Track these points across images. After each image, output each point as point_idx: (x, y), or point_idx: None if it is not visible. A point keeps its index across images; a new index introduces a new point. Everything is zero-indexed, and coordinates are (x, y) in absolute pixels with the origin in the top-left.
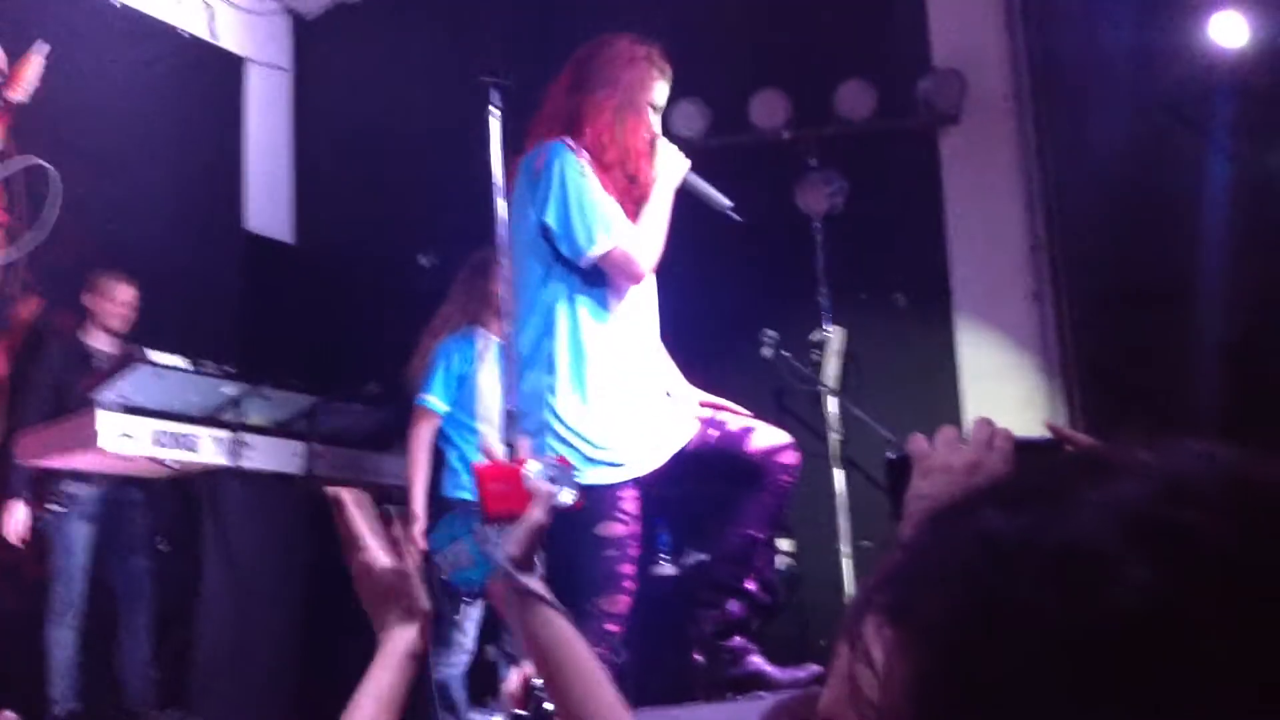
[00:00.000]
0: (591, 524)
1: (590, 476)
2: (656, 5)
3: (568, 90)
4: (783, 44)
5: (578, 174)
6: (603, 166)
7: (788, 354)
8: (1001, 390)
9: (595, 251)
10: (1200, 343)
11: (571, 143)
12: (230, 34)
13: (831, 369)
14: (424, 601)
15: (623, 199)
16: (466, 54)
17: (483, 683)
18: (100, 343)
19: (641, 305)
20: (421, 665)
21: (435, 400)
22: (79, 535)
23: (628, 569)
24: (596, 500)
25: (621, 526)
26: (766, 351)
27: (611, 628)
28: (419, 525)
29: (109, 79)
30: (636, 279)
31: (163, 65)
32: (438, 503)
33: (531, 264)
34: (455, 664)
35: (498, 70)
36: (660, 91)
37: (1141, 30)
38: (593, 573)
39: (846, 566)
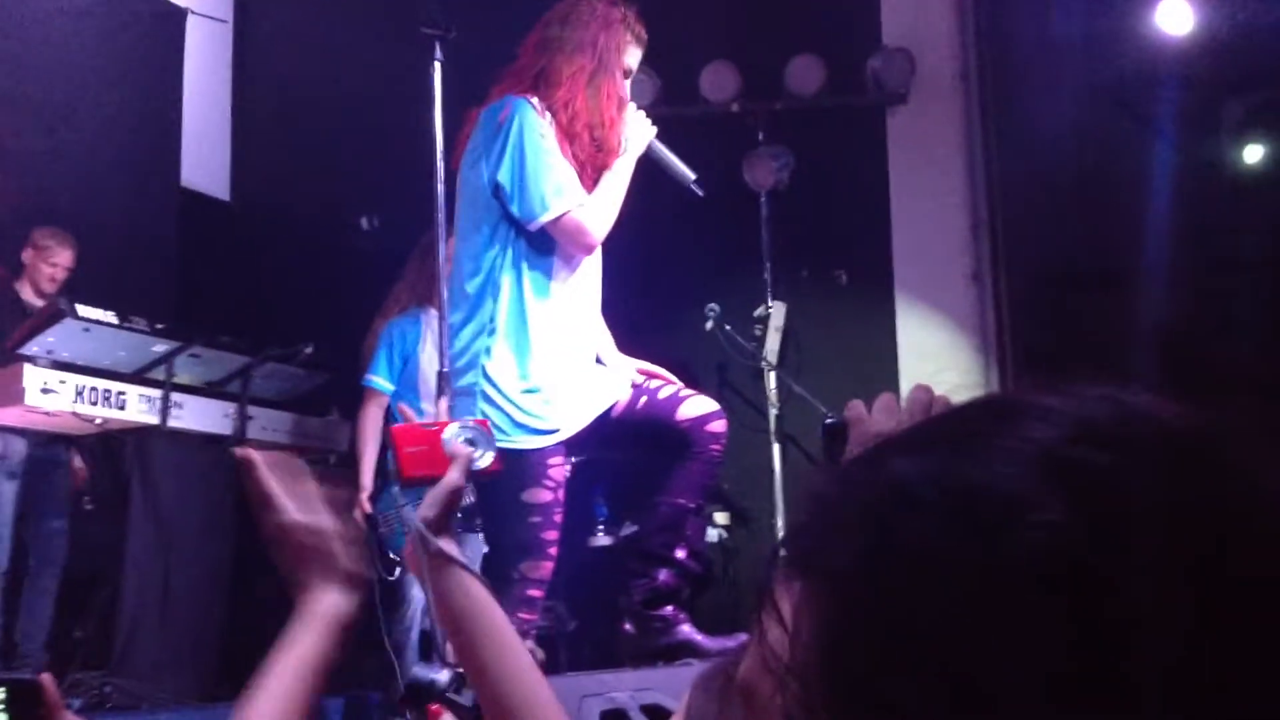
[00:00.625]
0: (518, 490)
1: (519, 442)
2: None
3: (537, 47)
4: (734, 16)
5: (537, 135)
6: (569, 131)
7: (729, 328)
8: (939, 369)
9: (546, 217)
10: (1138, 326)
11: (537, 102)
12: None
13: (772, 344)
14: (349, 563)
15: (585, 166)
16: (410, 6)
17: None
18: (30, 295)
19: (587, 273)
20: (351, 633)
21: (380, 380)
22: (5, 493)
23: (552, 535)
24: (524, 466)
25: (548, 493)
26: (709, 325)
27: (534, 593)
28: (364, 494)
29: (44, 26)
30: (588, 249)
31: (100, 14)
32: (384, 476)
33: (479, 220)
34: (408, 627)
35: (440, 22)
36: (634, 56)
37: (1090, 16)
38: (517, 538)
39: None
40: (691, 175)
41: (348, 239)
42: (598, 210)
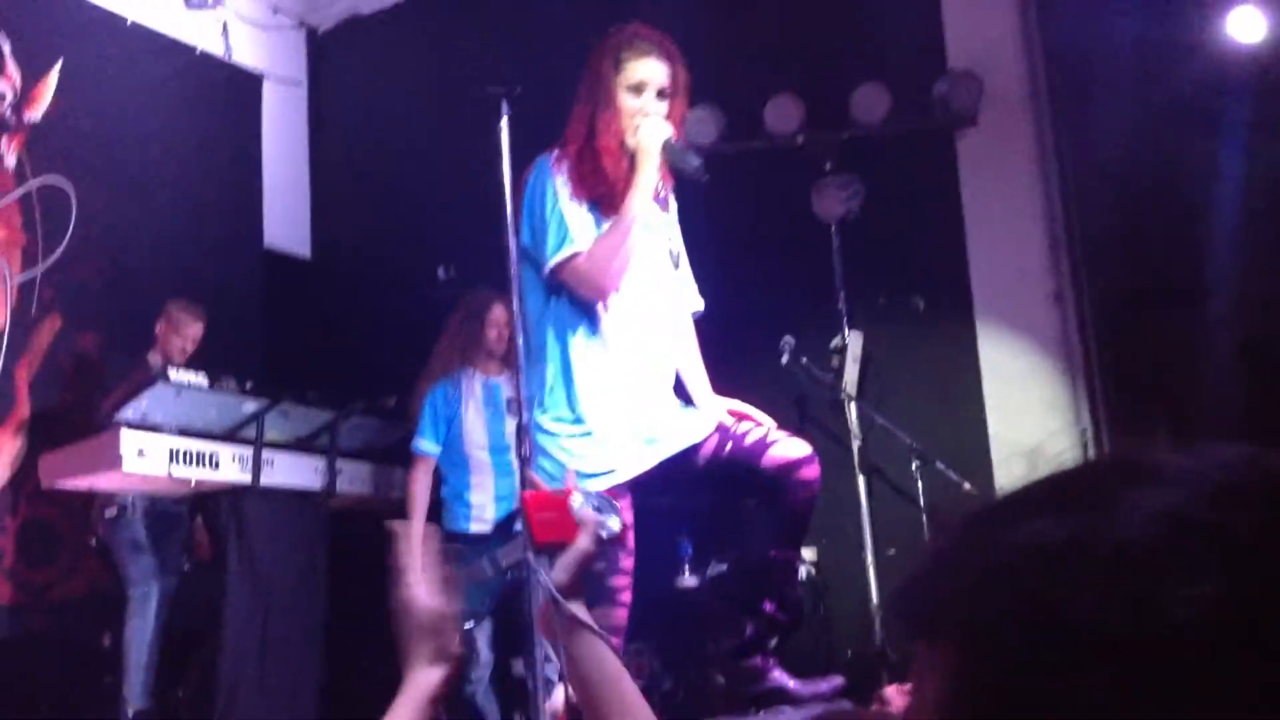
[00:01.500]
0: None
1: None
2: (670, 12)
3: (575, 103)
4: (797, 49)
5: (545, 187)
6: (579, 176)
7: (806, 360)
8: (1024, 393)
9: (554, 263)
10: (1222, 340)
11: (554, 156)
12: (245, 50)
13: (851, 375)
14: (456, 647)
15: (604, 206)
16: (479, 63)
17: (513, 697)
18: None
19: (648, 311)
20: (439, 708)
21: (427, 444)
22: (133, 537)
23: (620, 581)
24: None
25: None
26: (785, 358)
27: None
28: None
29: (125, 97)
30: (599, 292)
31: (178, 82)
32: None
33: (529, 281)
34: (478, 679)
35: (506, 81)
36: (640, 68)
37: (1157, 26)
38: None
39: (871, 575)
40: (697, 162)
41: (426, 290)
42: (601, 253)
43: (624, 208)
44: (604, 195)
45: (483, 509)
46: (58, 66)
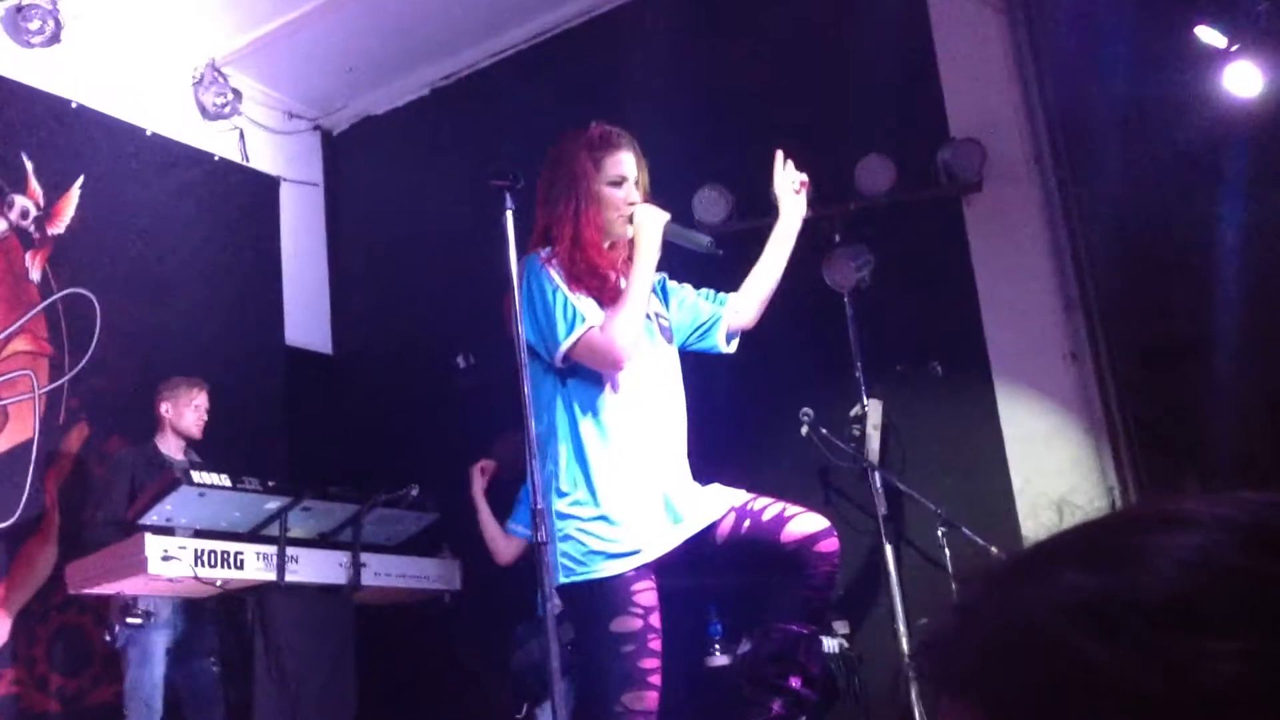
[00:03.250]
0: (607, 620)
1: (600, 570)
2: (672, 96)
3: (540, 203)
4: (799, 125)
5: (540, 283)
6: (572, 274)
7: (826, 431)
8: (1048, 453)
9: (565, 346)
10: (1243, 392)
11: (544, 254)
12: (262, 154)
13: (873, 444)
14: None
15: (602, 294)
16: (488, 157)
17: None
18: (172, 449)
19: (653, 390)
20: None
21: (519, 527)
22: (157, 645)
23: (650, 663)
24: (609, 595)
25: (637, 620)
26: (804, 430)
27: None
28: None
29: (146, 206)
30: (615, 365)
31: (198, 189)
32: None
33: (536, 372)
34: None
35: (509, 173)
36: (618, 163)
37: (1155, 85)
38: (615, 670)
39: (904, 646)
40: (707, 240)
41: (445, 379)
42: (616, 324)
43: (630, 284)
44: (598, 287)
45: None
46: (79, 181)
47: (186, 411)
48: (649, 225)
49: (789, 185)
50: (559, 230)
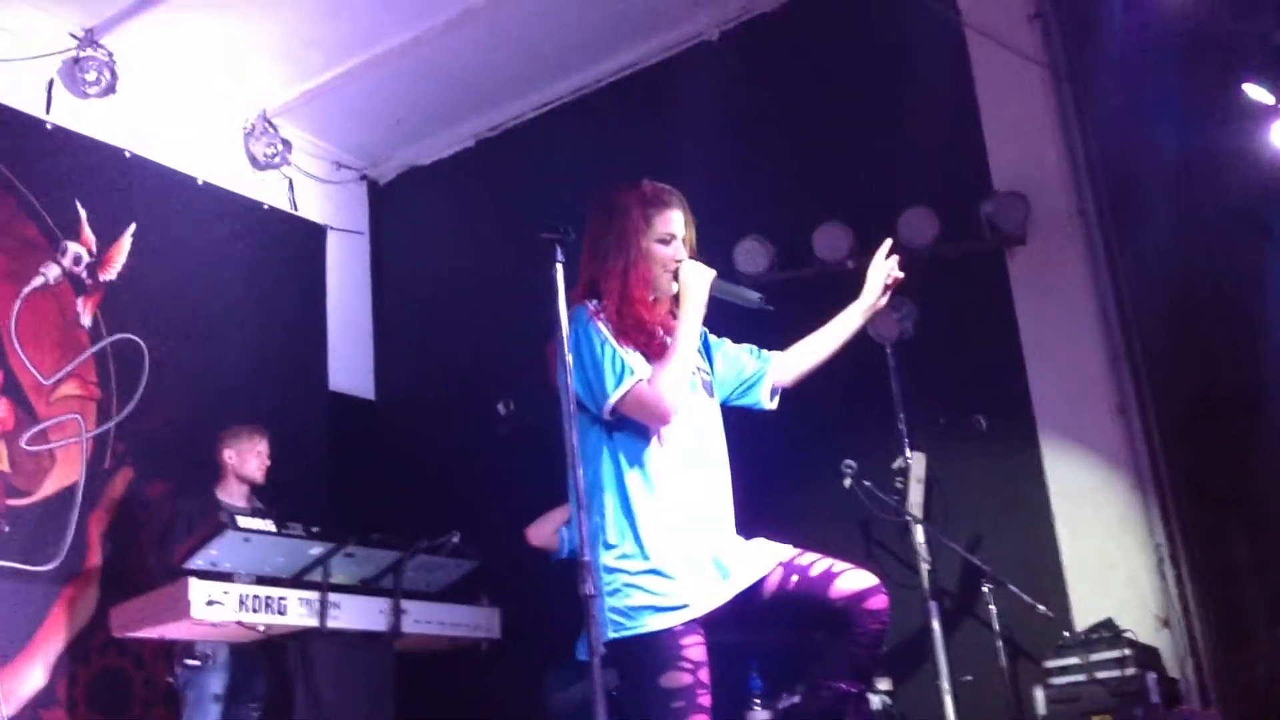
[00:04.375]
0: (655, 675)
1: (649, 624)
2: (715, 148)
3: (586, 256)
4: (842, 178)
5: (589, 336)
6: (620, 330)
7: (869, 483)
8: (1095, 509)
9: (614, 399)
10: None
11: (592, 306)
12: (310, 203)
13: (915, 496)
14: None
15: (649, 349)
16: (533, 209)
17: None
18: (234, 496)
19: (699, 443)
20: None
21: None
22: (212, 688)
23: (699, 718)
24: (658, 649)
25: (687, 675)
26: (847, 482)
27: None
28: None
29: (195, 253)
30: (662, 419)
31: (247, 236)
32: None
33: (583, 425)
34: None
35: (559, 226)
36: (666, 221)
37: (1200, 137)
38: None
39: (948, 703)
40: (757, 296)
41: (486, 426)
42: (663, 378)
43: (677, 339)
44: (646, 343)
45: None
46: (131, 229)
47: (250, 458)
48: (696, 281)
49: (883, 275)
50: (607, 284)
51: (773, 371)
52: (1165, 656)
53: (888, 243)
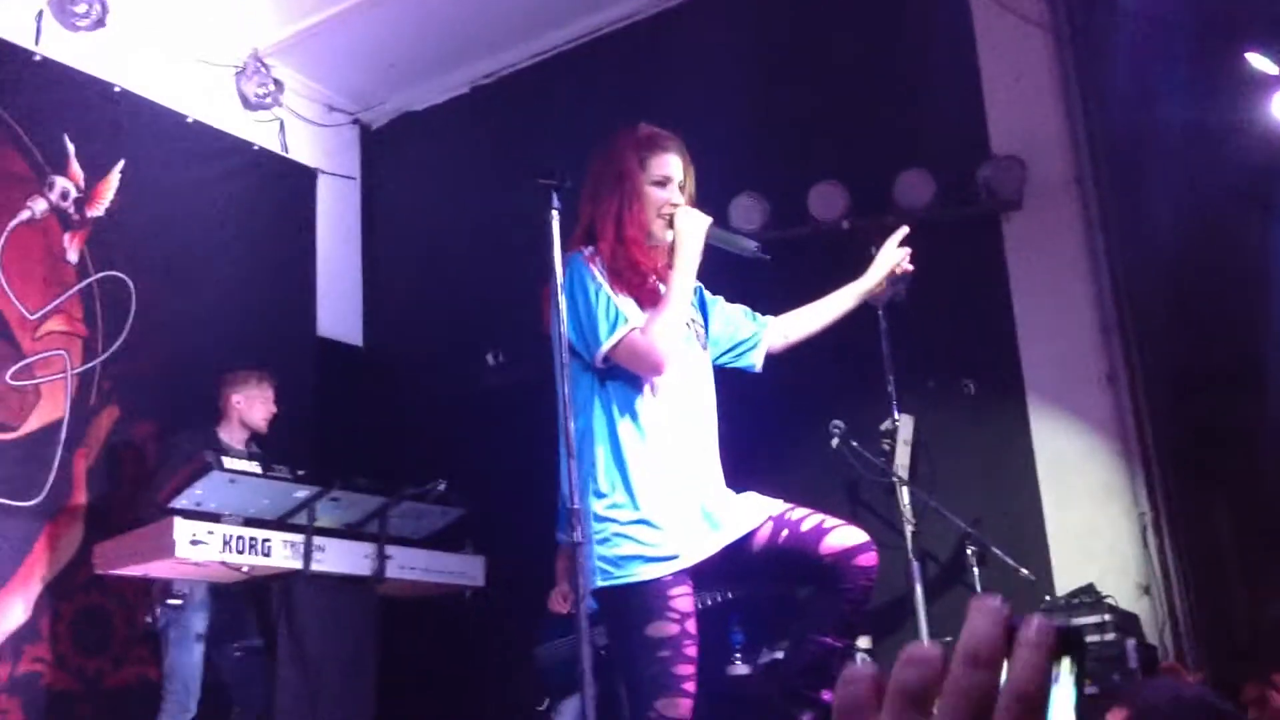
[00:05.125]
0: (642, 625)
1: (637, 573)
2: (712, 103)
3: (585, 200)
4: (839, 137)
5: (584, 281)
6: (614, 271)
7: (856, 444)
8: (1080, 476)
9: (603, 349)
10: (1277, 421)
11: (587, 251)
12: (301, 146)
13: (902, 458)
14: None
15: (641, 298)
16: (527, 156)
17: None
18: (235, 439)
19: (689, 394)
20: None
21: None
22: (195, 627)
23: (685, 670)
24: (645, 598)
25: (673, 625)
26: (834, 442)
27: None
28: None
29: (184, 192)
30: (655, 368)
31: (236, 177)
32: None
33: (575, 372)
34: None
35: (555, 172)
36: (662, 164)
37: (1201, 109)
38: (649, 675)
39: None
40: (753, 245)
41: (475, 376)
42: (656, 328)
43: (671, 288)
44: (639, 286)
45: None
46: (120, 165)
47: (257, 405)
48: (691, 228)
49: (892, 261)
50: (602, 226)
51: (768, 337)
52: (1145, 623)
53: (904, 230)
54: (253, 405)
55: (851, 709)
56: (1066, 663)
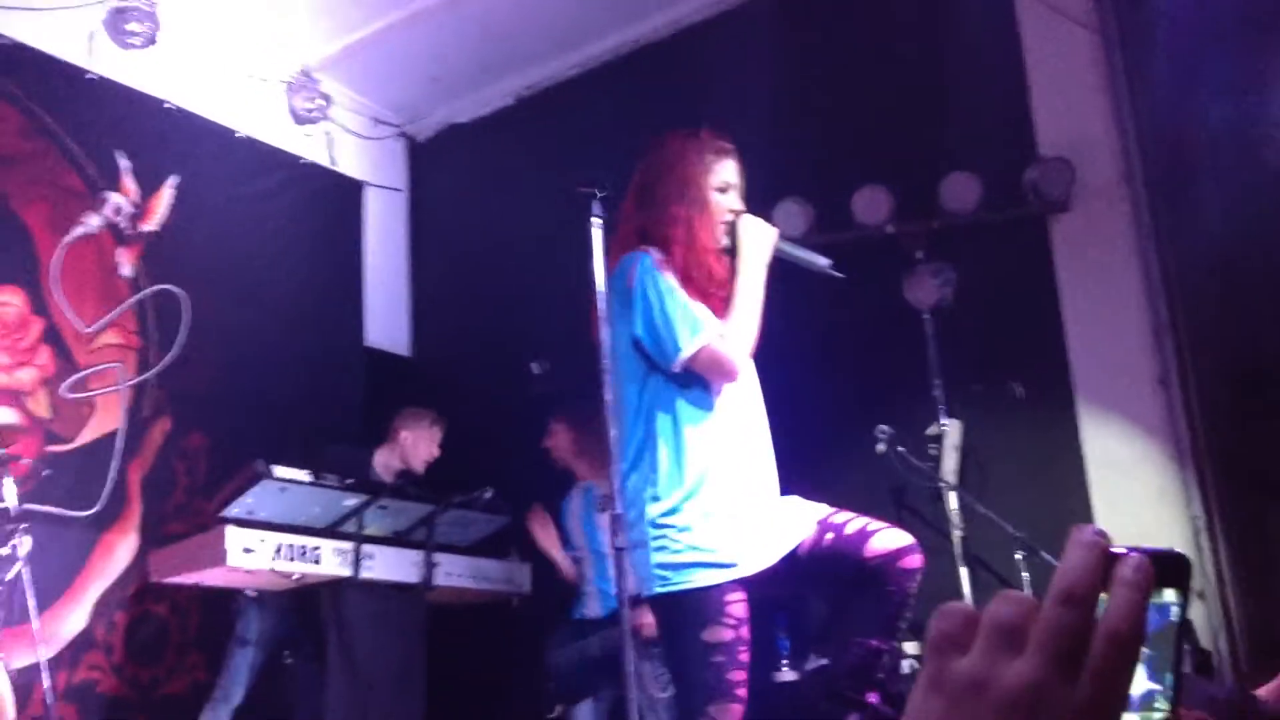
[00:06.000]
0: (698, 629)
1: (696, 580)
2: (756, 109)
3: (637, 203)
4: (884, 140)
5: (660, 283)
6: (685, 277)
7: (903, 449)
8: (1131, 480)
9: (685, 355)
10: None
11: (656, 255)
12: (349, 159)
13: (950, 463)
14: None
15: (710, 301)
16: (572, 165)
17: None
18: (386, 468)
19: (746, 403)
20: None
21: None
22: (258, 627)
23: (738, 675)
24: (704, 604)
25: (729, 631)
26: (881, 447)
27: None
28: None
29: (235, 207)
30: (730, 376)
31: (285, 191)
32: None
33: (629, 375)
34: None
35: (597, 181)
36: (724, 170)
37: (1251, 106)
38: (702, 680)
39: None
40: (825, 261)
41: (521, 384)
42: (734, 336)
43: (744, 296)
44: (710, 294)
45: (589, 598)
46: (172, 180)
47: (422, 445)
48: (760, 237)
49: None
50: (670, 231)
51: None
52: (1199, 629)
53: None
54: (418, 444)
55: (945, 643)
56: (1170, 593)
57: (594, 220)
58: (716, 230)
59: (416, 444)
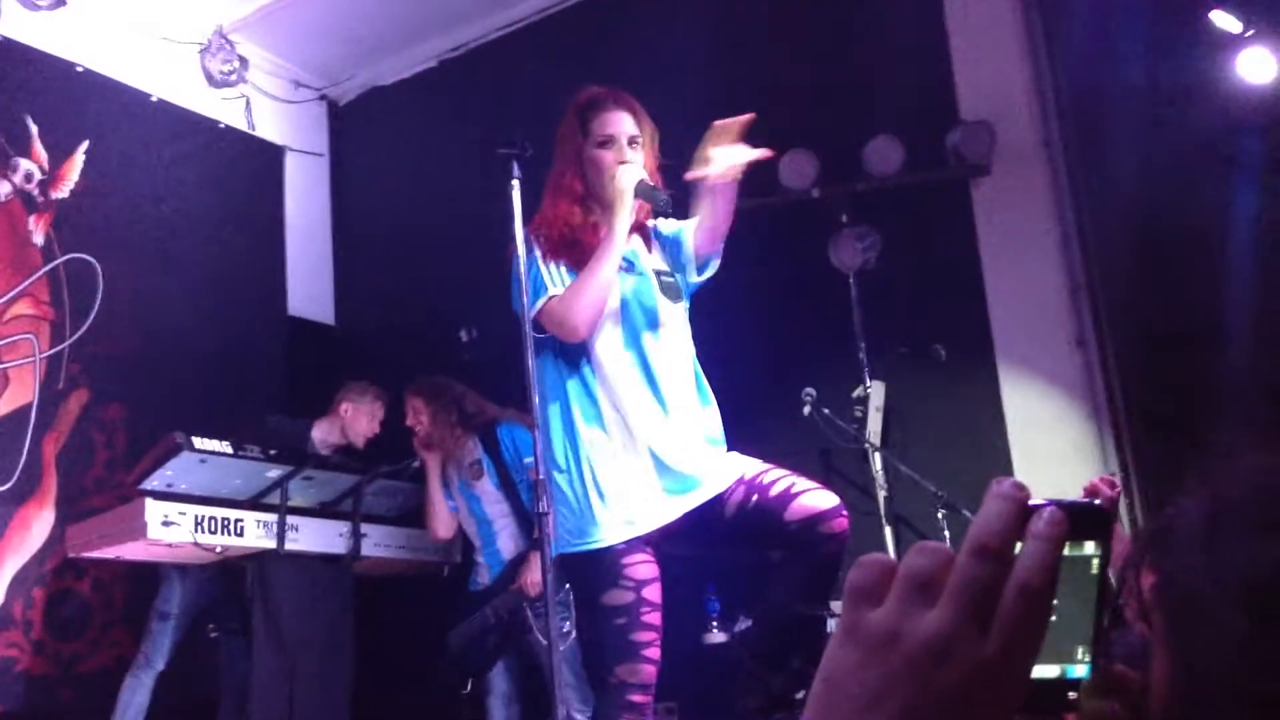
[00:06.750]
0: (597, 593)
1: (591, 542)
2: (680, 72)
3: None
4: (808, 105)
5: (522, 258)
6: (548, 238)
7: (828, 411)
8: (1050, 438)
9: (531, 314)
10: (1246, 381)
11: (532, 224)
12: (268, 123)
13: (874, 425)
14: None
15: (579, 264)
16: (496, 128)
17: None
18: (324, 441)
19: (654, 355)
20: None
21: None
22: (180, 599)
23: (645, 636)
24: (600, 567)
25: (628, 594)
26: (806, 409)
27: (636, 698)
28: None
29: (150, 172)
30: (573, 334)
31: (203, 156)
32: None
33: (542, 341)
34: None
35: (515, 141)
36: (606, 123)
37: (1168, 69)
38: (606, 641)
39: None
40: (663, 198)
41: (448, 352)
42: (572, 294)
43: (599, 250)
44: (571, 248)
45: (480, 570)
46: (84, 145)
47: (363, 419)
48: (623, 183)
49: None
50: (544, 197)
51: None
52: (1112, 585)
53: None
54: (359, 418)
55: (861, 594)
56: (1091, 545)
57: (513, 182)
58: (595, 187)
59: (357, 418)
